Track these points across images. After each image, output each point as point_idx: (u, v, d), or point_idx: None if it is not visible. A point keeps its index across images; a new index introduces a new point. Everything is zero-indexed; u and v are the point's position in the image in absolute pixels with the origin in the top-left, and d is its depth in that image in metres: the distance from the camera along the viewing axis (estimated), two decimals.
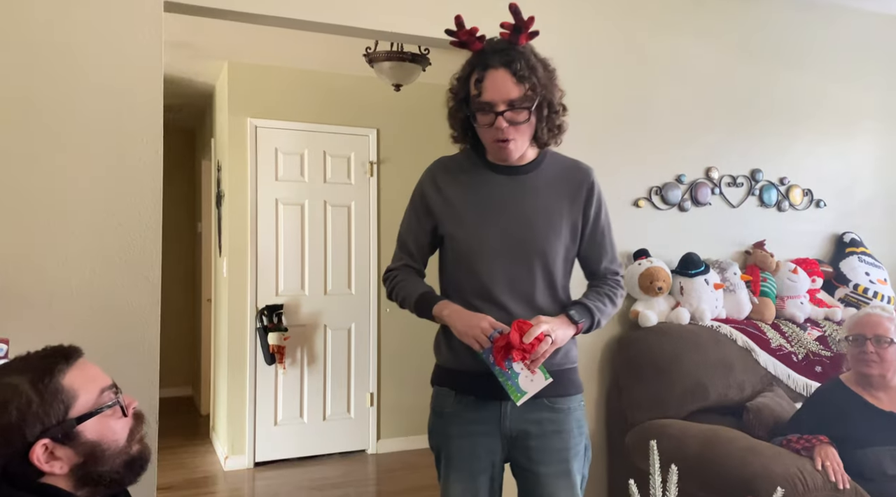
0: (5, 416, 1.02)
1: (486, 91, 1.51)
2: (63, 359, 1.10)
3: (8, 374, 1.07)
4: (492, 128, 1.54)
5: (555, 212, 1.62)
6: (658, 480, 0.97)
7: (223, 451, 4.24)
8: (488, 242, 1.60)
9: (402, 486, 3.86)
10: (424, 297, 1.63)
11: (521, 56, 1.52)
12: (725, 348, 2.78)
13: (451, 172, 1.68)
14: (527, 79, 1.51)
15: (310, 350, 4.35)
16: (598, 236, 1.68)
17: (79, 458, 1.05)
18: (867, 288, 3.13)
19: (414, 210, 1.72)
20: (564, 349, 1.62)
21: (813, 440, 2.19)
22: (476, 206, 1.62)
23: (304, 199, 4.32)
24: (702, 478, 2.25)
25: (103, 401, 1.09)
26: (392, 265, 1.74)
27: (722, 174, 3.11)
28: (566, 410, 1.62)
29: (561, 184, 1.64)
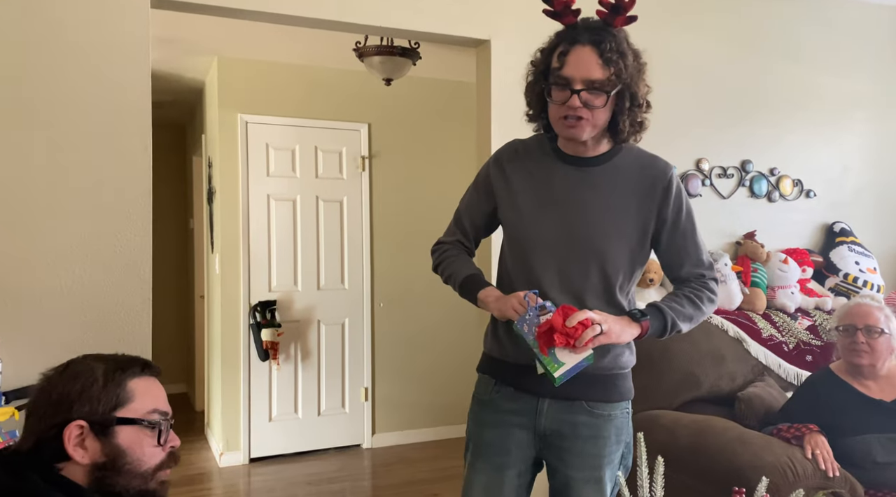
0: (70, 384, 1.09)
1: (568, 65, 1.42)
2: (140, 366, 1.15)
3: (94, 358, 1.15)
4: (564, 105, 1.44)
5: (621, 210, 1.51)
6: (645, 472, 0.97)
7: (218, 448, 4.24)
8: (543, 235, 1.52)
9: (397, 480, 3.87)
10: (472, 279, 1.60)
11: (612, 38, 1.43)
12: (717, 339, 2.79)
13: (518, 157, 1.61)
14: (613, 63, 1.41)
15: (303, 345, 4.35)
16: (677, 239, 1.54)
17: (103, 458, 1.07)
18: (857, 277, 3.15)
19: (476, 188, 1.68)
20: (614, 353, 1.53)
21: (803, 429, 2.21)
22: (537, 196, 1.55)
23: (295, 195, 4.31)
24: (694, 467, 2.27)
25: (149, 417, 1.11)
26: (444, 238, 1.71)
27: (712, 166, 3.12)
28: (606, 417, 1.53)
29: (633, 180, 1.52)
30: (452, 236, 1.70)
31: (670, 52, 3.02)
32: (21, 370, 1.91)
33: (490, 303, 1.53)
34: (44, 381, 1.12)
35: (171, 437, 1.16)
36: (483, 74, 2.77)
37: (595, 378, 1.51)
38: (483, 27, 2.69)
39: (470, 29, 2.67)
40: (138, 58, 2.21)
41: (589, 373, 1.45)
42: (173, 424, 1.18)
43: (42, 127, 2.11)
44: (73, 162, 2.14)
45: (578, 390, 1.50)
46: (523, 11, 2.75)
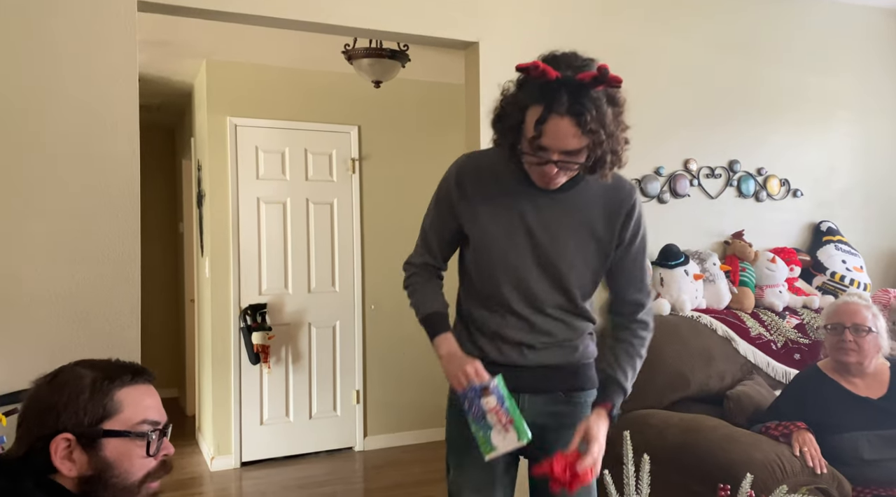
0: (58, 393, 1.07)
1: (546, 136, 1.34)
2: (130, 374, 1.12)
3: (85, 365, 1.12)
4: (539, 167, 1.41)
5: (586, 235, 1.53)
6: (631, 470, 0.98)
7: (209, 452, 4.22)
8: (508, 258, 1.53)
9: (389, 483, 3.86)
10: (431, 319, 1.58)
11: (592, 104, 1.32)
12: (705, 338, 2.81)
13: (481, 176, 1.55)
14: (592, 132, 1.34)
15: (294, 349, 4.34)
16: (627, 262, 1.56)
17: (90, 471, 1.05)
18: (844, 275, 3.18)
19: (438, 208, 1.62)
20: (584, 344, 1.62)
21: (791, 427, 2.23)
22: (502, 220, 1.53)
23: (285, 198, 4.30)
24: (683, 466, 2.28)
25: (137, 428, 1.09)
26: (412, 259, 1.68)
27: (700, 166, 3.14)
28: (582, 404, 1.61)
29: (599, 203, 1.52)
30: (420, 257, 1.66)
31: (658, 53, 3.04)
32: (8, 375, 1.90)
33: (441, 356, 1.54)
34: (33, 390, 1.10)
35: (165, 446, 1.13)
36: (472, 77, 2.77)
37: (570, 370, 1.60)
38: (472, 29, 2.70)
39: (458, 31, 2.68)
40: (125, 61, 2.21)
41: (565, 366, 1.59)
42: (168, 432, 1.15)
43: (29, 132, 2.10)
44: (60, 166, 2.13)
45: (556, 383, 1.60)
46: (512, 14, 2.77)
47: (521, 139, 1.40)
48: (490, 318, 1.58)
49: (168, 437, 1.15)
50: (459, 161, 1.60)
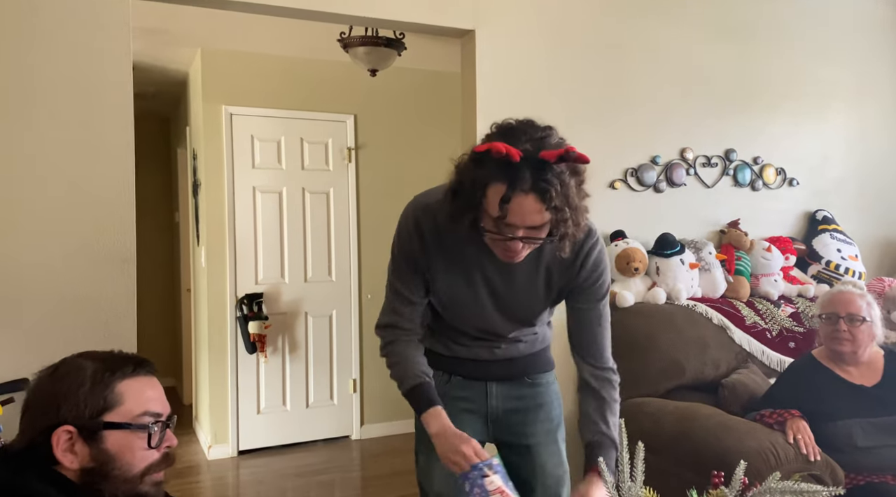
0: (59, 384, 1.07)
1: (510, 214, 1.30)
2: (132, 366, 1.11)
3: (88, 356, 1.11)
4: (502, 243, 1.37)
5: (544, 280, 1.53)
6: (626, 457, 0.99)
7: (206, 441, 4.24)
8: (471, 308, 1.55)
9: (386, 471, 3.88)
10: (415, 395, 1.52)
11: (557, 179, 1.27)
12: (701, 327, 2.82)
13: (439, 230, 1.49)
14: (557, 209, 1.30)
15: (291, 338, 4.35)
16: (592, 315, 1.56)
17: (92, 463, 1.05)
18: (839, 264, 3.19)
19: (405, 263, 1.55)
20: (542, 333, 1.68)
21: (785, 414, 2.24)
22: (461, 273, 1.52)
23: (281, 187, 4.29)
24: (678, 454, 2.29)
25: (138, 420, 1.08)
26: (386, 321, 1.58)
27: (696, 155, 3.14)
28: (545, 384, 1.70)
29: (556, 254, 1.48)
30: (390, 317, 1.57)
31: (653, 42, 3.03)
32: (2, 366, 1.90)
33: (432, 434, 1.45)
34: (35, 381, 1.10)
35: (168, 437, 1.13)
36: (468, 64, 2.76)
37: (531, 357, 1.67)
38: (468, 17, 2.68)
39: (454, 19, 2.67)
40: (120, 48, 2.19)
41: (527, 355, 1.66)
42: (172, 424, 1.15)
43: (21, 120, 2.09)
44: (54, 155, 2.12)
45: (520, 369, 1.67)
46: (508, 1, 2.75)
47: (483, 216, 1.35)
48: (454, 338, 1.63)
49: (172, 429, 1.15)
50: (416, 214, 1.52)
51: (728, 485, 0.96)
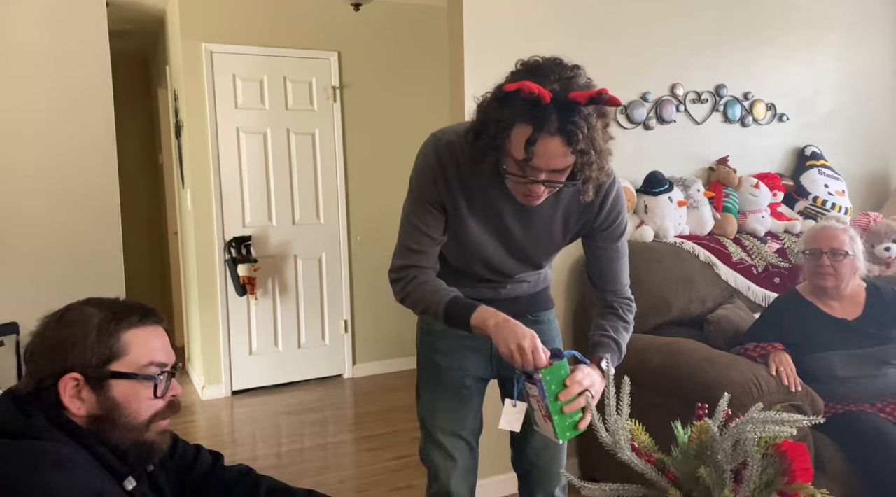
0: (65, 332, 1.07)
1: (535, 158, 1.27)
2: (138, 315, 1.11)
3: (93, 304, 1.11)
4: (524, 186, 1.35)
5: (561, 225, 1.52)
6: (612, 391, 1.01)
7: (200, 382, 4.30)
8: (483, 250, 1.53)
9: (378, 407, 3.97)
10: (455, 304, 1.43)
11: (584, 122, 1.24)
12: (688, 264, 2.84)
13: (461, 171, 1.45)
14: (583, 152, 1.26)
15: (281, 280, 4.36)
16: (611, 253, 1.56)
17: (99, 411, 1.06)
18: (825, 200, 3.20)
19: (427, 203, 1.48)
20: (544, 273, 1.70)
21: (768, 348, 2.29)
22: (480, 216, 1.50)
23: (265, 128, 4.22)
24: (664, 388, 2.35)
25: (144, 370, 1.09)
26: (402, 262, 1.51)
27: (687, 91, 3.09)
28: (547, 322, 1.72)
29: (575, 195, 1.47)
30: (408, 258, 1.50)
31: None
32: None
33: (490, 327, 1.38)
34: (41, 327, 1.10)
35: (172, 386, 1.14)
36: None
37: (534, 296, 1.68)
38: None
39: None
40: None
41: (531, 294, 1.66)
42: (176, 373, 1.15)
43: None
44: (31, 99, 2.06)
45: (523, 307, 1.65)
46: None
47: (506, 158, 1.32)
48: (459, 279, 1.60)
49: (176, 378, 1.16)
50: (438, 151, 1.46)
51: (712, 416, 0.99)
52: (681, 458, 0.97)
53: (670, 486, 0.97)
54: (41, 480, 0.94)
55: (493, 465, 2.49)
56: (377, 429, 3.64)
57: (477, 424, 1.70)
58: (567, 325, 2.87)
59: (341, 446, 3.46)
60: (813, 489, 0.91)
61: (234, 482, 1.30)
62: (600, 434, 1.02)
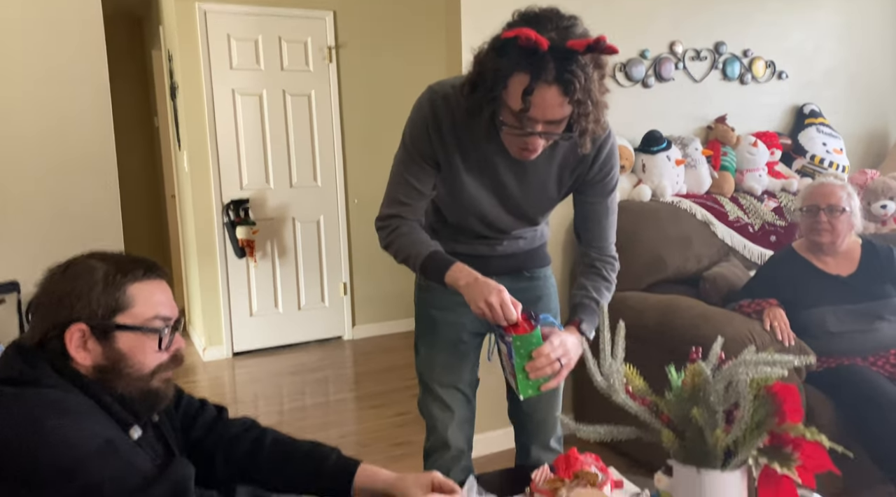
0: (70, 284, 1.07)
1: (532, 107, 1.27)
2: (143, 269, 1.12)
3: (98, 257, 1.12)
4: (520, 138, 1.35)
5: (556, 180, 1.52)
6: (607, 336, 1.03)
7: (201, 343, 4.34)
8: (479, 206, 1.54)
9: (379, 367, 4.02)
10: (433, 259, 1.46)
11: (581, 71, 1.23)
12: (684, 223, 2.85)
13: (456, 124, 1.45)
14: (580, 102, 1.26)
15: (280, 243, 4.37)
16: (600, 208, 1.57)
17: (104, 361, 1.07)
18: (823, 158, 3.20)
19: (419, 156, 1.48)
20: (541, 230, 1.70)
21: (763, 304, 2.32)
22: (475, 172, 1.49)
23: (261, 89, 4.18)
24: (659, 344, 2.38)
25: (149, 324, 1.10)
26: (389, 211, 1.52)
27: (686, 48, 3.06)
28: (543, 278, 1.73)
29: (570, 148, 1.46)
30: (396, 208, 1.52)
31: None
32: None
33: (463, 285, 1.41)
34: (46, 279, 1.11)
35: (176, 340, 1.15)
36: None
37: (530, 252, 1.68)
38: None
39: None
40: None
41: (527, 250, 1.67)
42: (180, 327, 1.17)
43: None
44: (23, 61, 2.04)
45: (519, 264, 1.68)
46: None
47: (502, 109, 1.32)
48: (455, 237, 1.62)
49: (179, 331, 1.17)
50: (434, 103, 1.45)
51: (705, 360, 1.01)
52: (674, 400, 1.00)
53: (664, 427, 0.99)
54: (48, 426, 0.96)
55: (490, 421, 2.54)
56: (378, 387, 3.69)
57: (474, 377, 1.73)
58: (564, 286, 2.89)
59: (342, 404, 3.51)
60: (803, 429, 0.94)
61: (239, 434, 1.32)
62: (595, 378, 1.04)
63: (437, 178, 1.53)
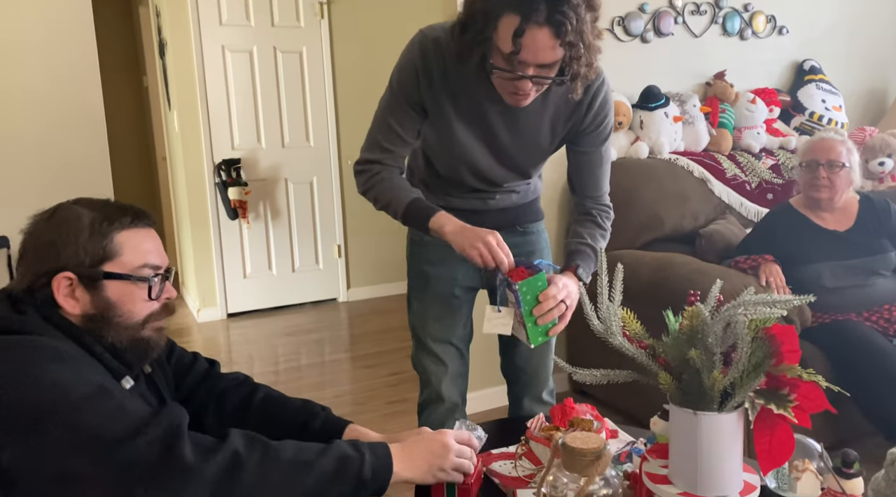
0: (56, 231, 1.05)
1: (523, 50, 1.23)
2: (131, 217, 1.09)
3: (84, 204, 1.09)
4: (511, 82, 1.32)
5: (549, 129, 1.50)
6: (605, 279, 1.01)
7: (195, 305, 4.32)
8: (470, 156, 1.51)
9: (374, 328, 4.02)
10: (416, 205, 1.44)
11: (572, 12, 1.20)
12: (682, 180, 2.83)
13: (447, 71, 1.41)
14: (572, 44, 1.23)
15: (272, 204, 4.33)
16: (594, 157, 1.54)
17: (93, 310, 1.05)
18: (822, 115, 3.16)
19: (405, 100, 1.45)
20: (534, 184, 1.68)
21: (759, 259, 2.31)
22: (466, 119, 1.46)
23: (251, 46, 4.09)
24: (655, 300, 2.35)
25: (138, 272, 1.08)
26: (369, 156, 1.49)
27: (686, 1, 3.00)
28: (536, 233, 1.72)
29: (565, 94, 1.43)
30: (377, 154, 1.48)
31: None
32: None
33: (449, 232, 1.40)
34: (31, 225, 1.08)
35: (167, 289, 1.13)
36: None
37: (523, 207, 1.66)
38: None
39: None
40: None
41: (520, 205, 1.64)
42: (170, 276, 1.15)
43: None
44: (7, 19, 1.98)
45: (512, 218, 1.66)
46: None
47: (492, 53, 1.28)
48: (448, 190, 1.60)
49: (170, 281, 1.15)
50: (424, 47, 1.41)
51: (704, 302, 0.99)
52: (672, 342, 0.99)
53: (661, 369, 0.98)
54: (40, 372, 0.95)
55: (483, 378, 2.55)
56: (372, 348, 3.70)
57: (467, 331, 1.73)
58: (558, 242, 2.88)
59: (337, 364, 3.52)
60: (800, 369, 0.93)
61: (230, 388, 1.31)
62: (592, 321, 1.03)
63: (427, 126, 1.50)
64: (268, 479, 0.95)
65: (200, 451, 0.94)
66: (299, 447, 1.01)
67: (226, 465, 0.93)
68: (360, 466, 1.00)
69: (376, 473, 1.01)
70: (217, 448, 0.95)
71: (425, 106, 1.45)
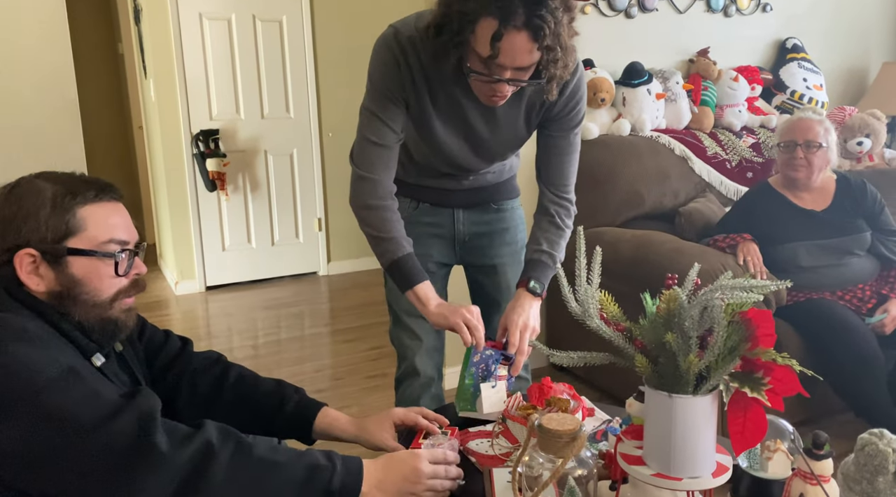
0: (16, 206, 1.02)
1: (501, 54, 1.22)
2: (95, 191, 1.05)
3: (44, 177, 1.05)
4: (488, 85, 1.31)
5: (524, 119, 1.50)
6: (583, 262, 1.01)
7: (173, 277, 4.28)
8: (447, 149, 1.51)
9: (354, 303, 4.02)
10: (399, 266, 1.44)
11: (550, 16, 1.19)
12: (663, 158, 2.83)
13: (423, 68, 1.39)
14: (549, 48, 1.23)
15: (252, 176, 4.27)
16: (562, 143, 1.53)
17: (58, 287, 1.03)
18: (803, 94, 3.17)
19: (389, 98, 1.42)
20: (510, 163, 1.68)
21: (737, 238, 2.33)
22: (443, 114, 1.46)
23: (230, 13, 4.00)
24: (634, 278, 2.38)
25: (103, 248, 1.05)
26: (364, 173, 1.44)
27: None
28: (510, 210, 1.74)
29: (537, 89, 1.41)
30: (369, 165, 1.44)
31: None
32: None
33: (430, 310, 1.41)
34: None
35: (136, 265, 1.10)
36: None
37: (498, 185, 1.68)
38: None
39: None
40: None
41: (494, 183, 1.66)
42: (141, 251, 1.12)
43: None
44: None
45: (486, 196, 1.68)
46: None
47: (469, 55, 1.27)
48: (422, 171, 1.61)
49: (141, 257, 1.12)
50: (401, 45, 1.38)
51: (681, 286, 1.00)
52: (648, 326, 0.99)
53: (637, 352, 0.99)
54: (8, 352, 0.93)
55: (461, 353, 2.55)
56: (353, 322, 3.70)
57: None
58: None
59: (317, 338, 3.52)
60: (774, 353, 0.94)
61: (203, 367, 1.29)
62: (570, 304, 1.03)
63: (408, 119, 1.48)
64: (237, 475, 0.94)
65: (174, 439, 0.93)
66: (272, 448, 0.99)
67: (198, 457, 0.93)
68: (329, 478, 0.99)
69: (345, 486, 1.00)
70: (190, 438, 0.94)
71: (408, 100, 1.44)
